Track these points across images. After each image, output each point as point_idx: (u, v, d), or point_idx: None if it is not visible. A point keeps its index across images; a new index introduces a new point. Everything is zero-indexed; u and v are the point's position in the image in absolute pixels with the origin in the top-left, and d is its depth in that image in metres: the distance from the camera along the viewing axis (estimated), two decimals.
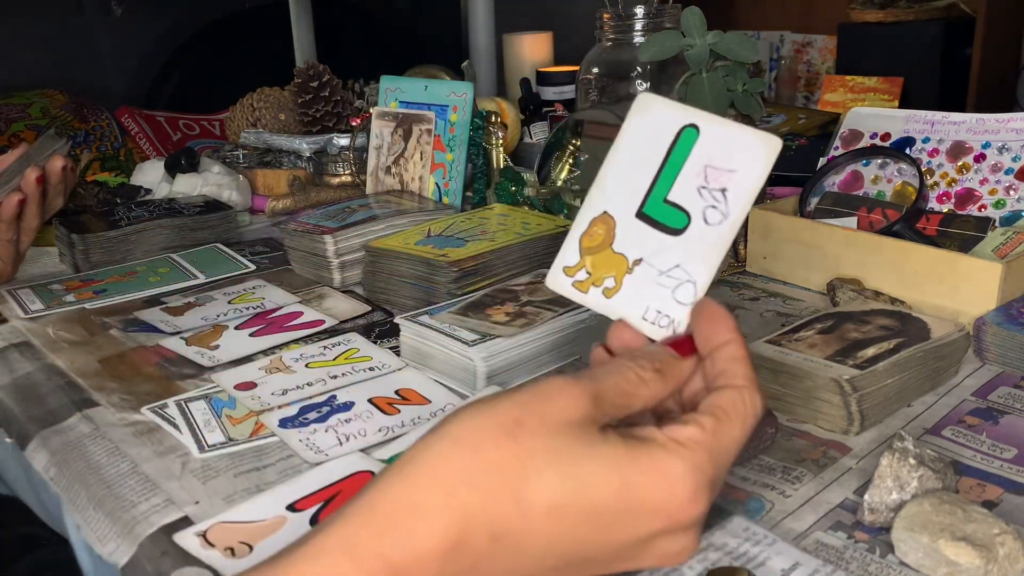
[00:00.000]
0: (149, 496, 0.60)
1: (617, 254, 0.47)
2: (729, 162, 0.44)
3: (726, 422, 0.40)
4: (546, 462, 0.37)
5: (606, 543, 0.38)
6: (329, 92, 1.40)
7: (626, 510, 0.38)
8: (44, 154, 0.98)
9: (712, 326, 0.43)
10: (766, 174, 0.43)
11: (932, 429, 0.65)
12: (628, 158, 0.47)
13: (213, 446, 0.65)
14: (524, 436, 0.37)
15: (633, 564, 0.40)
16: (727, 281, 0.96)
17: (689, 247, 0.45)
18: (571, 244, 0.48)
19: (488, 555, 0.37)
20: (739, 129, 0.44)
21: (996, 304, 0.78)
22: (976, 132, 0.95)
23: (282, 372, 0.76)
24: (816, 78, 2.57)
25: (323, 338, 0.83)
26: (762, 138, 0.43)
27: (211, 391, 0.74)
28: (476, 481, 0.37)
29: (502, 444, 0.37)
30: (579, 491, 0.37)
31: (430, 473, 0.37)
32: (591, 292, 0.47)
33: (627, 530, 0.38)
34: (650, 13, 1.22)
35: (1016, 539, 0.49)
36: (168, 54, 2.26)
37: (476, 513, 0.36)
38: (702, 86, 0.99)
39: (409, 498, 0.37)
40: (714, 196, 0.44)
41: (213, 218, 1.15)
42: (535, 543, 0.37)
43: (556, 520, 0.37)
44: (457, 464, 0.37)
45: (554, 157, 1.20)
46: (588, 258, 0.47)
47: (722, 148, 0.44)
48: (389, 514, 0.36)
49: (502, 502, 0.36)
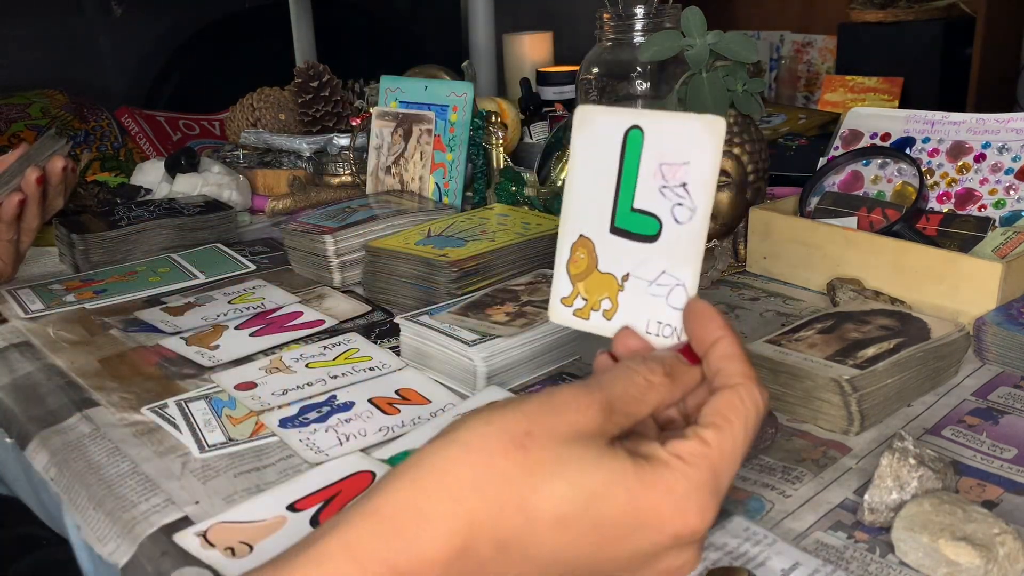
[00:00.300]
0: (149, 496, 0.60)
1: (605, 274, 0.46)
2: (680, 155, 0.43)
3: (727, 429, 0.40)
4: (554, 473, 0.37)
5: (611, 556, 0.38)
6: (329, 92, 1.40)
7: (632, 525, 0.38)
8: (44, 154, 0.98)
9: (701, 325, 0.43)
10: (718, 157, 0.42)
11: (932, 429, 0.65)
12: (585, 176, 0.46)
13: (213, 446, 0.65)
14: (533, 447, 0.37)
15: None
16: (727, 281, 0.96)
17: (669, 250, 0.44)
18: (560, 274, 0.48)
19: (493, 562, 0.37)
20: (680, 119, 0.43)
21: (996, 304, 0.78)
22: (976, 132, 0.95)
23: (282, 372, 0.76)
24: (816, 78, 2.57)
25: (323, 338, 0.83)
26: (704, 122, 0.42)
27: (211, 391, 0.74)
28: (484, 489, 0.36)
29: (511, 454, 0.37)
30: (586, 503, 0.37)
31: (438, 479, 0.37)
32: (592, 317, 0.47)
33: (632, 544, 0.38)
34: (650, 13, 1.22)
35: (1016, 539, 0.49)
36: (168, 54, 2.26)
37: (482, 520, 0.36)
38: (702, 86, 0.99)
39: (415, 504, 0.37)
40: (676, 193, 0.43)
41: (213, 218, 1.15)
42: (540, 552, 0.37)
43: (562, 530, 0.37)
44: (465, 471, 0.37)
45: (554, 157, 1.20)
46: (580, 284, 0.47)
47: (669, 142, 0.43)
48: (394, 519, 0.36)
49: (509, 511, 0.36)
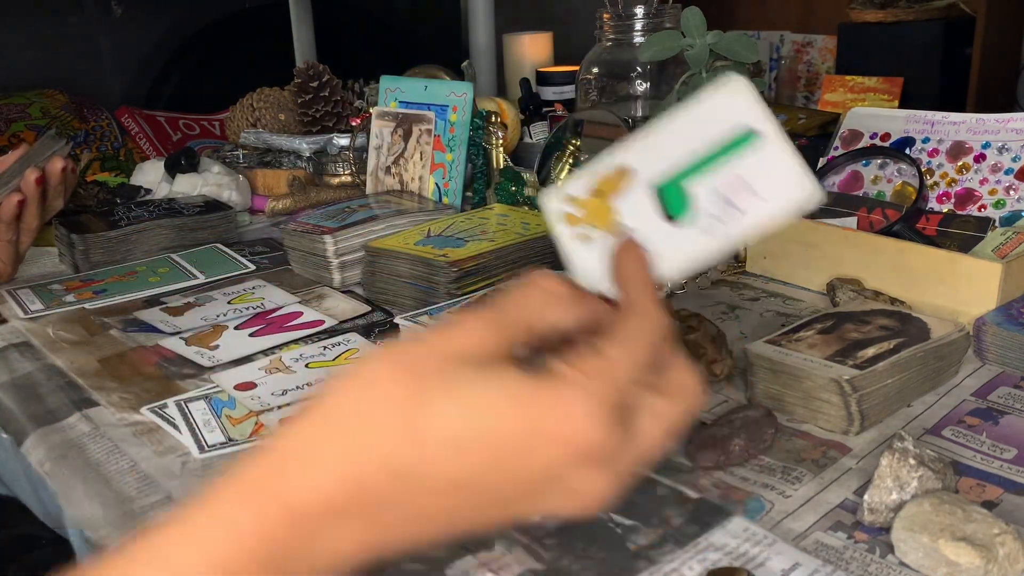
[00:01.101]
0: (149, 493, 0.60)
1: (611, 210, 0.44)
2: (761, 185, 0.41)
3: (627, 343, 0.38)
4: (441, 393, 0.35)
5: (511, 476, 0.37)
6: (329, 92, 1.40)
7: (526, 439, 0.36)
8: (44, 155, 0.98)
9: (625, 258, 0.42)
10: (785, 219, 0.40)
11: (932, 429, 0.65)
12: (684, 128, 0.43)
13: (213, 446, 0.65)
14: (420, 369, 0.36)
15: (548, 503, 0.38)
16: (727, 281, 0.96)
17: (671, 241, 0.42)
18: (586, 176, 0.45)
19: (391, 494, 0.36)
20: (792, 162, 0.41)
21: (996, 304, 0.77)
22: (976, 132, 0.95)
23: (282, 372, 0.76)
24: (816, 78, 2.57)
25: (323, 338, 0.83)
26: (805, 182, 0.40)
27: (211, 391, 0.74)
28: (372, 417, 0.35)
29: (397, 377, 0.36)
30: (476, 421, 0.35)
31: (327, 413, 0.36)
32: (569, 232, 0.45)
33: (530, 461, 0.36)
34: (650, 13, 1.22)
35: (1016, 539, 0.49)
36: (168, 54, 2.26)
37: (373, 451, 0.35)
38: (702, 86, 0.99)
39: (308, 438, 0.36)
40: (724, 208, 0.41)
41: (213, 218, 1.15)
42: (436, 479, 0.36)
43: (456, 453, 0.35)
44: (354, 403, 0.36)
45: (554, 157, 1.20)
46: (592, 200, 0.45)
47: (765, 167, 0.41)
48: (287, 455, 0.35)
49: (399, 438, 0.35)
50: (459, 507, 0.37)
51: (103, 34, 2.21)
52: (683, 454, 0.62)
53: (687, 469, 0.60)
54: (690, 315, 0.75)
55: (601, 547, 0.53)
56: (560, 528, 0.54)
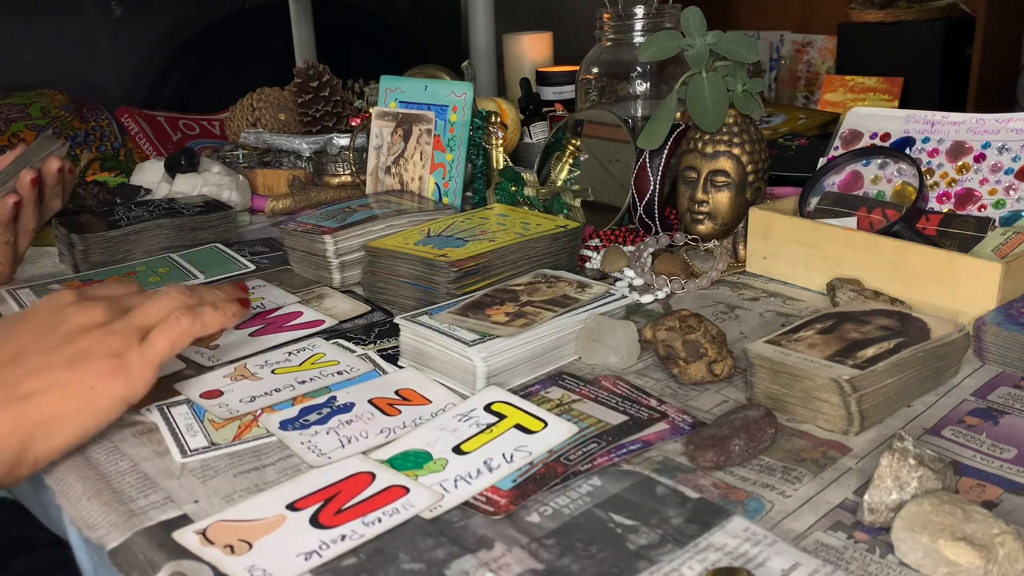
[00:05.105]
0: (148, 493, 0.60)
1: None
2: None
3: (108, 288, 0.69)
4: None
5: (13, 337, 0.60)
6: (329, 92, 1.40)
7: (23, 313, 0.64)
8: (40, 156, 0.98)
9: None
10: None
11: (932, 429, 0.65)
12: None
13: (196, 450, 0.65)
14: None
15: (78, 355, 0.61)
16: (727, 281, 0.96)
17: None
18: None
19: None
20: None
21: (996, 304, 0.78)
22: (976, 132, 0.95)
23: (248, 379, 0.75)
24: (816, 78, 2.57)
25: (286, 344, 0.82)
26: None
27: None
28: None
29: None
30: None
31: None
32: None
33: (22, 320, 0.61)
34: (650, 13, 1.22)
35: (1016, 539, 0.49)
36: (168, 54, 2.26)
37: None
38: (702, 86, 0.99)
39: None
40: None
41: (213, 218, 1.15)
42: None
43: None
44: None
45: (554, 157, 1.20)
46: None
47: None
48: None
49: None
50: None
51: (103, 34, 2.21)
52: (683, 454, 0.62)
53: (687, 469, 0.60)
54: (690, 315, 0.75)
55: (601, 547, 0.52)
56: (560, 528, 0.54)
